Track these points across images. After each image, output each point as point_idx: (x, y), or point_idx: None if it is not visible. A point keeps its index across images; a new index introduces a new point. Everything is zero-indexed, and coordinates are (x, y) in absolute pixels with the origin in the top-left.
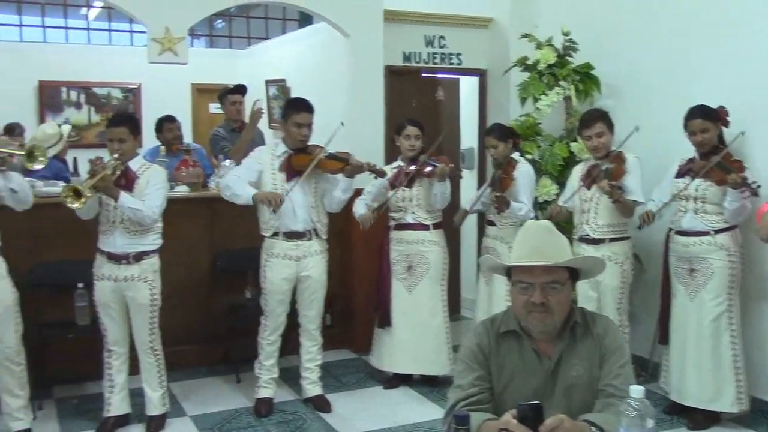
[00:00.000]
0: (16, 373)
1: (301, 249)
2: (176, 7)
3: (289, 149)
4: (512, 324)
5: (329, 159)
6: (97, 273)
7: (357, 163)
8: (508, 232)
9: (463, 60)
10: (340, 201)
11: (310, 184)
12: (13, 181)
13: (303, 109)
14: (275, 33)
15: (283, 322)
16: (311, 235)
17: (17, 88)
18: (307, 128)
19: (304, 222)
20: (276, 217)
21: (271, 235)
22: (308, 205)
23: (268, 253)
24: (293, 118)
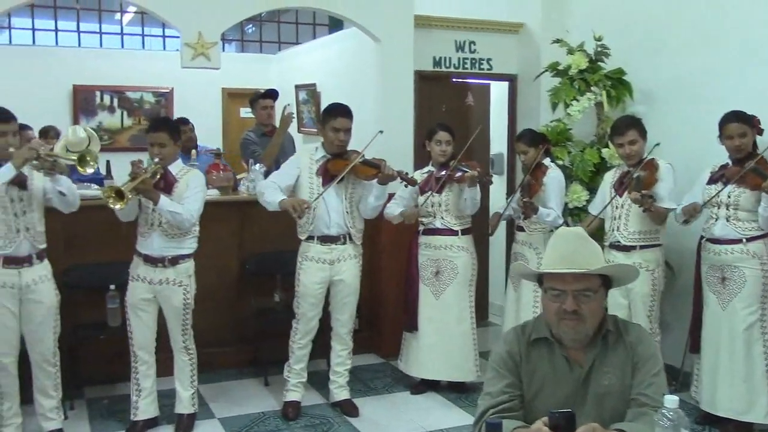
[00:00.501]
0: (51, 374)
1: (335, 253)
2: (209, 12)
3: (327, 154)
4: (543, 331)
5: (364, 165)
6: (132, 274)
7: (389, 172)
8: (537, 238)
9: (494, 65)
10: (373, 207)
11: (346, 189)
12: (62, 184)
13: (340, 114)
14: (305, 38)
15: (315, 326)
16: (345, 240)
17: (52, 92)
18: (344, 133)
19: (338, 226)
20: (311, 221)
21: (306, 239)
22: (342, 210)
23: (303, 257)
24: (331, 123)
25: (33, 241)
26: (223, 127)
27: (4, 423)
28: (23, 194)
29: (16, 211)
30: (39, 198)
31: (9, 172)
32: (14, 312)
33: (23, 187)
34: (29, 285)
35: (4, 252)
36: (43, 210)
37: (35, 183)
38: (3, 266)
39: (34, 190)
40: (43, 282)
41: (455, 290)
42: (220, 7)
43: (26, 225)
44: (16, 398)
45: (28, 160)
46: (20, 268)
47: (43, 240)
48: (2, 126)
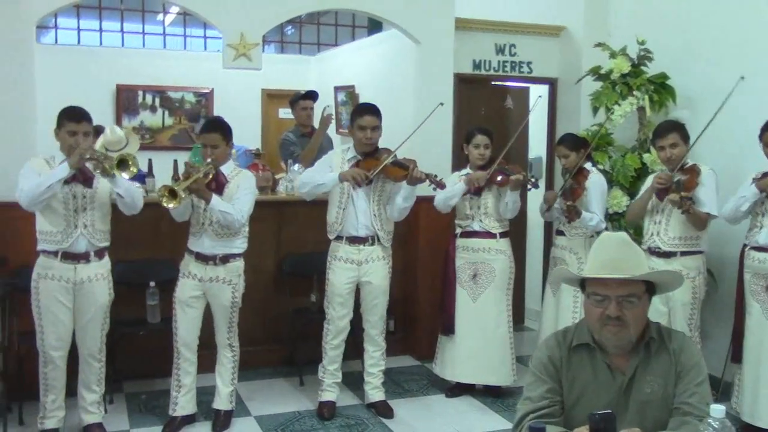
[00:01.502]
0: (95, 369)
1: (362, 254)
2: (251, 14)
3: (358, 154)
4: (585, 337)
5: (394, 166)
6: (183, 270)
7: (418, 174)
8: (578, 242)
9: (534, 68)
10: (401, 209)
11: (375, 190)
12: (119, 186)
13: (366, 112)
14: (345, 40)
15: (346, 326)
16: (373, 241)
17: (96, 91)
18: (371, 131)
19: (366, 228)
20: (340, 221)
21: (335, 238)
22: (370, 212)
23: (332, 256)
24: (357, 122)
25: (91, 239)
26: (262, 128)
27: (47, 415)
28: (87, 192)
29: (76, 208)
30: (103, 197)
31: (63, 172)
32: (68, 306)
33: (88, 185)
34: (84, 281)
35: (62, 247)
36: (109, 209)
37: (101, 182)
38: (60, 260)
39: (99, 190)
40: (98, 280)
41: (493, 294)
42: (262, 9)
43: (85, 222)
44: (62, 392)
45: (83, 160)
46: (77, 264)
47: (103, 239)
48: (73, 125)
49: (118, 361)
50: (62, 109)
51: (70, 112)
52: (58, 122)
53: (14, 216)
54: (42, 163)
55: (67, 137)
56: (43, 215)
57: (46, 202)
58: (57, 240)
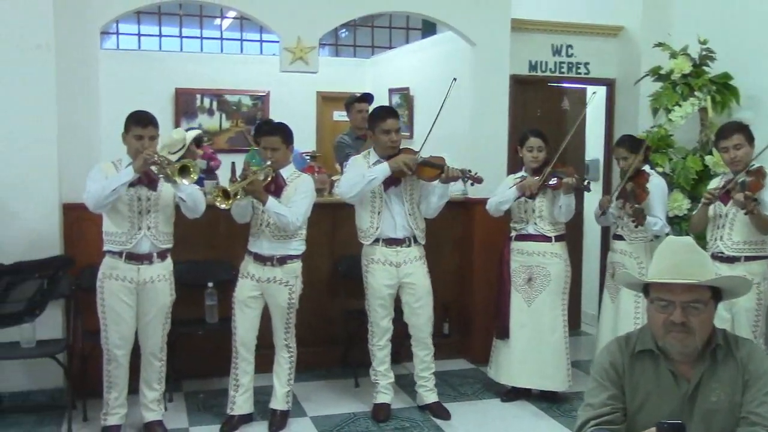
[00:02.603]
0: (156, 368)
1: (400, 255)
2: (308, 17)
3: (381, 158)
4: (649, 343)
5: (425, 166)
6: (242, 271)
7: (453, 172)
8: (638, 247)
9: (591, 69)
10: (436, 207)
11: (406, 190)
12: (182, 191)
13: (388, 115)
14: (399, 42)
15: (389, 327)
16: (410, 242)
17: (156, 95)
18: (395, 133)
19: (403, 229)
20: (376, 225)
21: (371, 243)
22: (405, 212)
23: (369, 259)
24: (380, 126)
25: (154, 240)
26: (317, 130)
27: (110, 411)
28: (151, 194)
29: (140, 210)
30: (167, 200)
31: (128, 175)
32: (131, 306)
33: (153, 188)
34: (146, 282)
35: (126, 248)
36: (172, 212)
37: (165, 186)
38: (124, 261)
39: (163, 193)
40: (160, 281)
41: (548, 298)
42: (318, 12)
43: (149, 224)
44: (124, 389)
45: (148, 164)
46: (140, 264)
47: (166, 240)
48: (139, 130)
49: (177, 360)
50: (129, 114)
51: (136, 116)
52: (126, 126)
53: (81, 217)
54: (109, 167)
55: (133, 141)
56: (109, 217)
57: (112, 204)
58: (121, 241)
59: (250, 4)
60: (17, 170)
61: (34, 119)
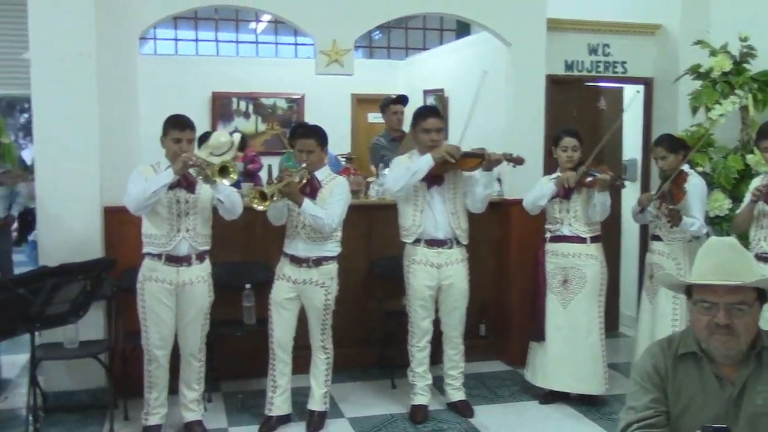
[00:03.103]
0: (195, 368)
1: (442, 257)
2: (343, 20)
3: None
4: (692, 345)
5: (465, 157)
6: (278, 273)
7: (494, 156)
8: (677, 247)
9: (628, 68)
10: (483, 197)
11: (449, 190)
12: (220, 192)
13: (429, 115)
14: (433, 43)
15: (429, 328)
16: (452, 243)
17: (193, 99)
18: (436, 133)
19: (445, 230)
20: (418, 223)
21: (413, 242)
22: (448, 212)
23: (410, 260)
24: (421, 125)
25: (192, 242)
26: (351, 132)
27: (151, 411)
28: (189, 197)
29: (179, 212)
30: (205, 202)
31: (168, 177)
32: (171, 307)
33: (191, 191)
34: (185, 284)
35: (165, 250)
36: (210, 214)
37: (204, 189)
38: (164, 263)
39: (201, 195)
40: (199, 282)
41: (584, 300)
42: (353, 15)
43: (187, 226)
44: (165, 389)
45: (187, 166)
46: (179, 266)
47: (205, 242)
48: (177, 133)
49: (215, 361)
50: (167, 118)
51: (174, 120)
52: (164, 130)
53: (121, 220)
54: (149, 170)
55: (171, 144)
56: (149, 219)
57: (152, 207)
58: (161, 243)
59: (285, 8)
60: (60, 175)
61: (76, 125)
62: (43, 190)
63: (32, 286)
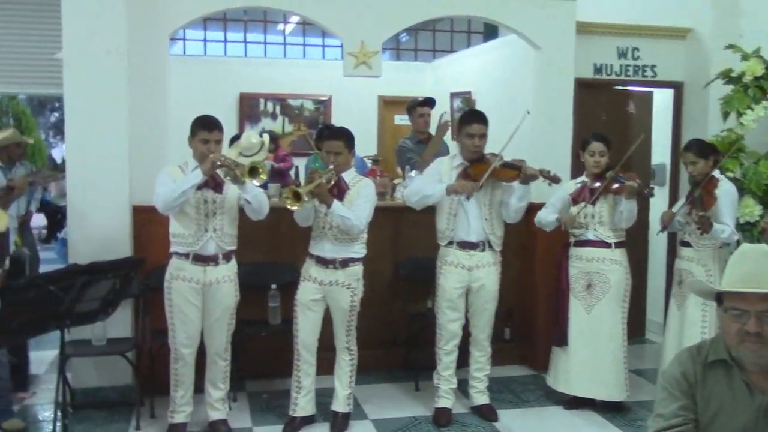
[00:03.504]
0: (221, 368)
1: (474, 259)
2: (371, 22)
3: (465, 161)
4: (722, 353)
5: (504, 167)
6: (304, 274)
7: (531, 171)
8: (706, 254)
9: (658, 72)
10: (517, 209)
11: (485, 195)
12: (247, 192)
13: (474, 120)
14: (460, 46)
15: (458, 332)
16: (484, 247)
17: (221, 99)
18: (479, 138)
19: (478, 233)
20: (451, 227)
21: (446, 244)
22: (482, 217)
23: (442, 261)
24: (465, 130)
25: (220, 242)
26: (378, 134)
27: (176, 409)
28: (217, 197)
29: (207, 212)
30: (232, 203)
31: (196, 178)
32: (197, 306)
33: (218, 191)
34: (212, 283)
35: (193, 249)
36: (237, 214)
37: (231, 189)
38: (191, 262)
39: (228, 195)
40: (225, 282)
41: (607, 305)
42: (382, 17)
43: (215, 226)
44: (190, 388)
45: (216, 166)
46: (206, 266)
47: (231, 242)
48: (205, 134)
49: (240, 361)
50: (195, 118)
51: (202, 121)
52: (192, 131)
53: (149, 219)
54: (176, 170)
55: (199, 145)
56: (177, 219)
57: (180, 207)
58: (188, 242)
59: (314, 10)
60: (90, 173)
61: (106, 124)
62: (74, 189)
63: (63, 283)
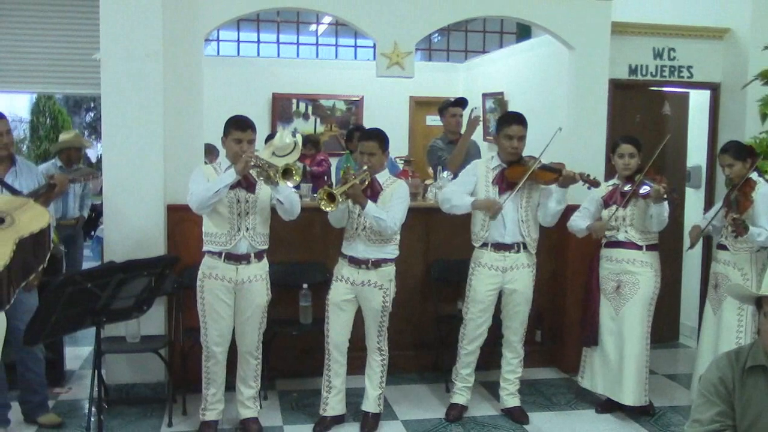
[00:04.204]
0: (252, 366)
1: (508, 261)
2: (405, 23)
3: (503, 163)
4: (761, 358)
5: (543, 170)
6: (336, 274)
7: (570, 174)
8: (743, 257)
9: (695, 73)
10: (554, 212)
11: (522, 197)
12: (279, 192)
13: (513, 121)
14: (492, 47)
15: (484, 333)
16: (519, 248)
17: (254, 100)
18: (517, 140)
19: (513, 235)
20: (486, 228)
21: (480, 246)
22: (518, 219)
23: (476, 263)
24: (504, 131)
25: (252, 241)
26: (409, 135)
27: (208, 407)
28: (249, 197)
29: (240, 212)
30: (264, 203)
31: (230, 177)
32: (229, 305)
33: (251, 191)
34: (244, 282)
35: (225, 248)
36: (269, 214)
37: (263, 189)
38: (224, 261)
39: (260, 195)
40: (257, 281)
41: (634, 307)
42: (415, 18)
43: (247, 225)
44: (222, 385)
45: (249, 166)
46: (238, 265)
47: (263, 242)
48: (238, 134)
49: (272, 359)
50: (229, 119)
51: (236, 121)
52: (225, 131)
53: (183, 218)
54: (210, 170)
55: (233, 145)
56: (210, 218)
57: (214, 206)
58: (221, 241)
59: (347, 10)
60: (126, 173)
61: (143, 124)
62: (110, 187)
63: (100, 280)
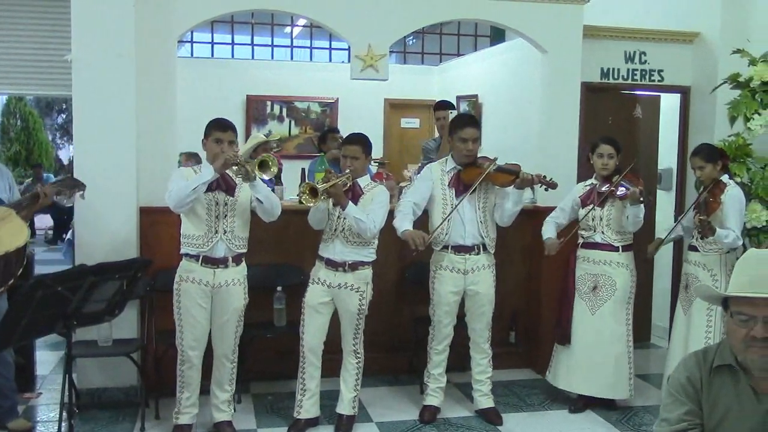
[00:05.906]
0: (228, 369)
1: (468, 263)
2: (379, 25)
3: (458, 165)
4: (728, 358)
5: (499, 172)
6: (313, 277)
7: (527, 176)
8: (713, 259)
9: (665, 76)
10: (511, 213)
11: (479, 198)
12: (259, 192)
13: (467, 124)
14: (466, 49)
15: (450, 333)
16: (479, 250)
17: (228, 101)
18: (472, 143)
19: (473, 236)
20: (446, 231)
21: (441, 249)
22: (476, 220)
23: (437, 266)
24: (458, 134)
25: (229, 244)
26: (384, 137)
27: (182, 410)
28: (229, 199)
29: (218, 214)
30: (244, 206)
31: (209, 175)
32: (206, 308)
33: (230, 194)
34: (221, 285)
35: (203, 251)
36: (248, 218)
37: (243, 192)
38: (201, 264)
39: (240, 198)
40: (235, 284)
41: (612, 307)
42: (389, 20)
43: (225, 228)
44: (196, 389)
45: (228, 164)
46: (215, 268)
47: (242, 245)
48: (219, 134)
49: (245, 362)
50: (210, 121)
51: (216, 122)
52: (206, 132)
53: (156, 221)
54: (190, 171)
55: (213, 146)
56: (188, 220)
57: (192, 205)
58: (198, 244)
59: (321, 13)
60: (99, 175)
61: (115, 125)
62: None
63: (71, 284)
